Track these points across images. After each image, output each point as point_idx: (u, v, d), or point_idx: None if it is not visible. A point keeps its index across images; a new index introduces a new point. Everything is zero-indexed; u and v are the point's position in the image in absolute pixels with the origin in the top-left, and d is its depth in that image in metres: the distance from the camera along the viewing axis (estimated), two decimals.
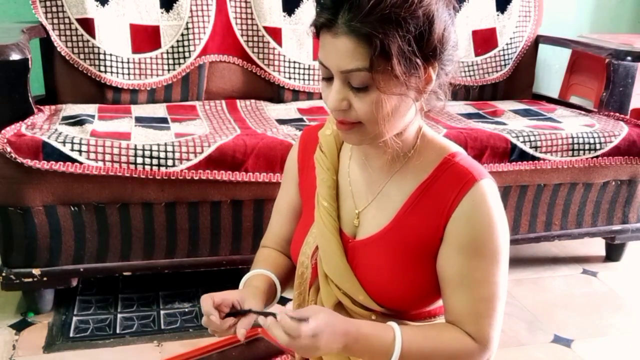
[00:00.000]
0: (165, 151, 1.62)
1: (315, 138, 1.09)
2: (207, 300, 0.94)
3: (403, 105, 0.89)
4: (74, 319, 1.73)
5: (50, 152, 1.56)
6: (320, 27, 0.86)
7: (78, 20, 2.03)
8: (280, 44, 2.23)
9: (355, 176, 1.03)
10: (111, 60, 2.06)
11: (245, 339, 1.17)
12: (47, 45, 2.04)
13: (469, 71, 2.44)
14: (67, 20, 2.02)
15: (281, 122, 1.96)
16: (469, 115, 2.16)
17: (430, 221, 0.93)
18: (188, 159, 1.63)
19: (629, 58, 2.12)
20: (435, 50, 0.87)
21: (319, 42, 0.88)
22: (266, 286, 1.05)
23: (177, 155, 1.63)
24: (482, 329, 0.93)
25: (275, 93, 2.27)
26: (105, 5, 2.06)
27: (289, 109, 2.16)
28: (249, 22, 2.23)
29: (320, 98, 2.40)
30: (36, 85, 1.95)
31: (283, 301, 1.11)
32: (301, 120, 2.01)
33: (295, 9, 2.24)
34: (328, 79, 0.89)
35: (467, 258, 0.91)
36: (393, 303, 0.98)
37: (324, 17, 0.84)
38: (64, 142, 1.57)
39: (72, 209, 1.64)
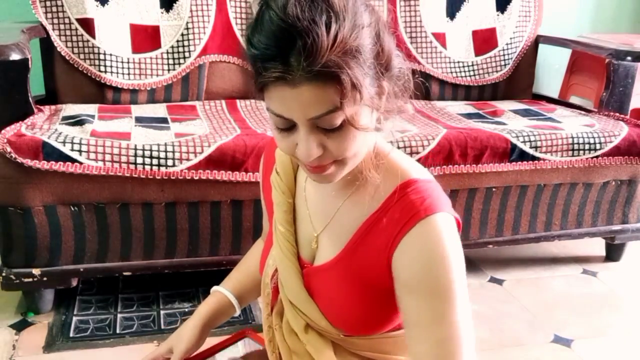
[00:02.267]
0: (165, 151, 1.62)
1: (272, 156, 1.05)
2: None
3: (370, 127, 0.83)
4: (74, 319, 1.73)
5: (50, 152, 1.56)
6: (270, 80, 0.76)
7: (78, 20, 2.03)
8: None
9: (312, 198, 0.99)
10: (111, 60, 2.06)
11: (232, 342, 1.19)
12: (47, 45, 2.04)
13: (469, 71, 2.44)
14: (67, 20, 2.03)
15: None
16: (469, 115, 2.16)
17: (376, 256, 0.88)
18: (188, 159, 1.63)
19: (629, 58, 2.12)
20: (389, 63, 0.83)
21: (266, 93, 0.79)
22: (218, 306, 1.13)
23: (177, 155, 1.63)
24: None
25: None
26: (105, 5, 2.07)
27: None
28: (249, 22, 2.22)
29: None
30: (36, 85, 1.95)
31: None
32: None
33: None
34: (286, 129, 0.81)
35: (418, 297, 0.83)
36: (352, 329, 0.95)
37: (276, 71, 0.75)
38: (64, 142, 1.57)
39: (72, 209, 1.64)
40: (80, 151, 1.58)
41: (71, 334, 1.66)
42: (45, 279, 1.67)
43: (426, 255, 0.82)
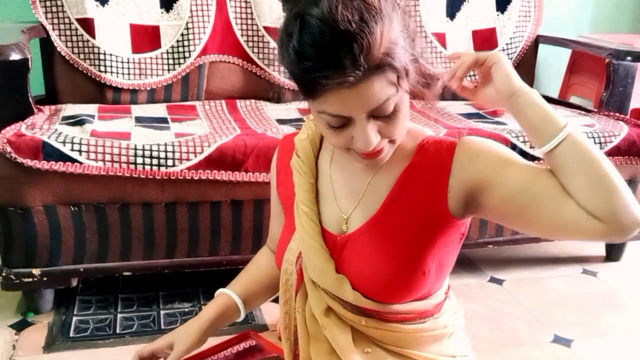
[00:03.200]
0: (165, 151, 1.62)
1: (292, 145, 1.07)
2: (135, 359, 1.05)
3: (408, 110, 0.91)
4: (74, 319, 1.73)
5: (50, 152, 1.56)
6: (330, 87, 0.79)
7: (78, 20, 2.03)
8: None
9: (338, 180, 1.01)
10: (111, 60, 2.06)
11: (235, 342, 1.19)
12: (47, 45, 2.04)
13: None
14: (67, 20, 2.03)
15: (281, 122, 1.96)
16: (469, 115, 2.16)
17: (425, 196, 0.94)
18: (188, 159, 1.63)
19: (629, 58, 2.12)
20: (414, 40, 0.88)
21: (319, 98, 0.82)
22: (224, 308, 1.12)
23: (177, 155, 1.63)
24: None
25: (275, 93, 2.26)
26: (105, 5, 2.07)
27: (289, 109, 2.16)
28: (249, 22, 2.23)
29: None
30: (36, 85, 1.95)
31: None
32: (301, 120, 2.01)
33: None
34: (341, 125, 0.85)
35: (504, 173, 0.89)
36: (383, 293, 0.97)
37: (336, 78, 0.78)
38: (64, 142, 1.57)
39: (72, 209, 1.64)
40: (80, 151, 1.58)
41: (71, 334, 1.66)
42: (45, 279, 1.67)
43: (482, 148, 0.92)
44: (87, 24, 2.03)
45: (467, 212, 0.95)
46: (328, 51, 0.78)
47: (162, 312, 1.78)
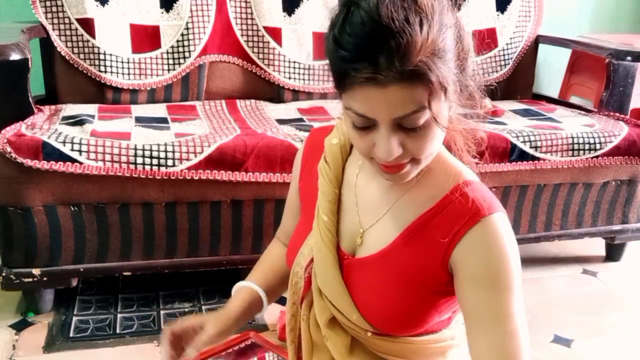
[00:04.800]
0: (165, 151, 1.62)
1: (321, 144, 1.04)
2: (166, 333, 1.01)
3: (442, 135, 0.86)
4: (74, 319, 1.73)
5: (50, 152, 1.56)
6: (360, 82, 0.77)
7: (78, 20, 2.03)
8: (280, 44, 2.23)
9: (363, 192, 0.99)
10: (111, 60, 2.06)
11: (236, 343, 1.18)
12: (47, 45, 2.04)
13: None
14: (67, 20, 2.02)
15: (281, 122, 1.96)
16: (469, 115, 2.15)
17: (430, 252, 0.89)
18: (188, 159, 1.63)
19: (629, 58, 2.12)
20: (466, 62, 0.85)
21: (349, 93, 0.79)
22: (249, 299, 1.08)
23: (177, 155, 1.63)
24: None
25: (275, 93, 2.27)
26: (105, 5, 2.06)
27: (289, 109, 2.16)
28: (249, 22, 2.23)
29: (320, 98, 2.41)
30: (36, 85, 1.95)
31: (282, 301, 1.11)
32: (301, 120, 2.01)
33: (295, 9, 2.24)
34: (366, 127, 0.82)
35: (483, 291, 0.85)
36: (386, 326, 0.95)
37: (367, 72, 0.75)
38: (64, 142, 1.57)
39: (72, 209, 1.64)
40: (80, 151, 1.58)
41: (71, 334, 1.66)
42: (45, 279, 1.67)
43: (492, 251, 0.85)
44: (87, 24, 2.03)
45: None
46: (365, 44, 0.76)
47: (162, 312, 1.78)
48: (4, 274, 1.65)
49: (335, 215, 0.99)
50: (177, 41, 2.15)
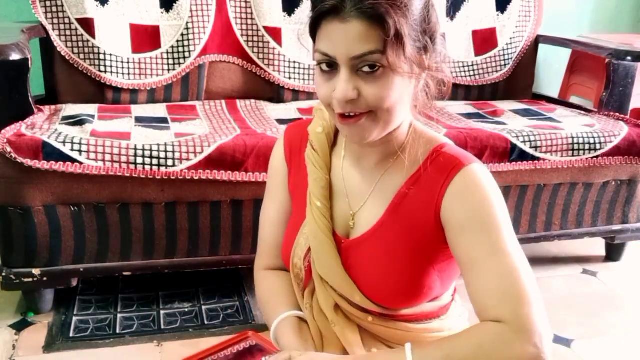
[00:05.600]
0: (165, 151, 1.62)
1: (302, 135, 1.08)
2: None
3: (406, 92, 0.89)
4: (74, 319, 1.73)
5: (50, 152, 1.56)
6: (324, 15, 0.85)
7: (78, 20, 2.03)
8: (280, 44, 2.23)
9: (349, 176, 1.02)
10: (111, 60, 2.06)
11: (234, 342, 1.18)
12: (47, 45, 2.04)
13: (469, 71, 2.44)
14: (67, 20, 2.02)
15: (281, 122, 1.96)
16: (469, 115, 2.16)
17: (422, 211, 0.93)
18: (188, 159, 1.63)
19: (629, 58, 2.12)
20: (433, 37, 0.89)
21: (318, 33, 0.87)
22: (297, 325, 1.03)
23: (177, 155, 1.63)
24: (511, 308, 0.82)
25: (275, 93, 2.27)
26: (105, 5, 2.06)
27: (289, 109, 2.16)
28: (249, 22, 2.23)
29: None
30: (36, 85, 1.95)
31: None
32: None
33: (295, 9, 2.25)
34: (328, 72, 0.88)
35: (471, 235, 0.88)
36: (389, 300, 0.97)
37: (330, 3, 0.83)
38: (64, 142, 1.57)
39: (72, 209, 1.64)
40: (80, 151, 1.58)
41: (71, 334, 1.66)
42: (45, 279, 1.67)
43: (474, 195, 0.90)
44: (87, 24, 2.03)
45: None
46: None
47: (162, 312, 1.78)
48: (4, 274, 1.65)
49: (329, 201, 1.02)
50: (177, 41, 2.15)
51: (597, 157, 1.96)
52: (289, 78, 2.25)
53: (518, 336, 0.81)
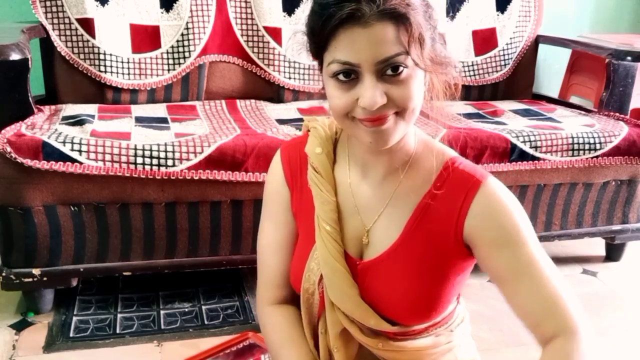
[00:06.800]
0: (165, 151, 1.62)
1: (300, 156, 1.03)
2: None
3: (422, 91, 0.90)
4: (74, 319, 1.73)
5: (50, 152, 1.56)
6: (341, 23, 0.81)
7: (78, 20, 2.03)
8: (280, 44, 2.23)
9: (359, 191, 0.99)
10: (111, 60, 2.06)
11: (234, 343, 1.18)
12: (47, 45, 2.04)
13: (469, 71, 2.44)
14: (67, 20, 2.03)
15: (281, 122, 1.96)
16: (469, 115, 2.16)
17: (441, 227, 0.93)
18: (188, 159, 1.63)
19: (629, 58, 2.12)
20: (435, 33, 0.89)
21: (333, 44, 0.83)
22: None
23: (177, 155, 1.63)
24: (563, 314, 0.90)
25: (275, 93, 2.27)
26: (105, 5, 2.07)
27: (289, 109, 2.16)
28: (249, 22, 2.23)
29: (320, 98, 2.40)
30: (36, 85, 1.95)
31: None
32: (301, 120, 2.01)
33: (295, 9, 2.25)
34: (346, 81, 0.85)
35: (506, 251, 0.90)
36: (407, 317, 0.96)
37: (347, 9, 0.80)
38: (64, 142, 1.57)
39: (72, 209, 1.64)
40: (80, 151, 1.58)
41: (71, 334, 1.66)
42: (45, 279, 1.67)
43: (499, 213, 0.91)
44: (87, 24, 2.03)
45: None
46: None
47: (162, 312, 1.78)
48: (4, 274, 1.65)
49: (338, 223, 0.98)
50: (177, 41, 2.15)
51: (597, 157, 1.96)
52: (289, 78, 2.25)
53: (578, 340, 0.90)
